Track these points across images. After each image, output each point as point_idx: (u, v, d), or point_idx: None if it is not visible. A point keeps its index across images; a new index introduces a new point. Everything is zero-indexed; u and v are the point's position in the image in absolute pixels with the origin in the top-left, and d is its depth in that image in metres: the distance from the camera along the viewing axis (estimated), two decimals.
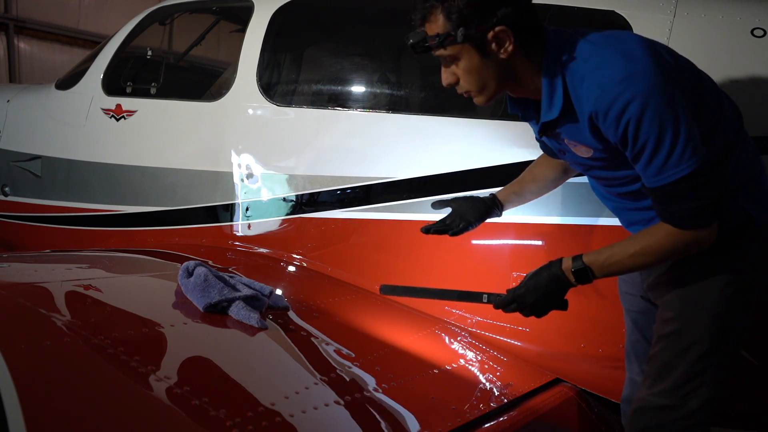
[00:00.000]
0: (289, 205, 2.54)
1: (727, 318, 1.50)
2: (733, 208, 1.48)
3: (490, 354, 2.03)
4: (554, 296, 1.53)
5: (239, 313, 1.68)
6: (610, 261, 1.48)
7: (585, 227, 2.04)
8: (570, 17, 2.17)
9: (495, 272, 2.15)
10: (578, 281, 1.50)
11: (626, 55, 1.34)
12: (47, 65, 9.39)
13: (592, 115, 1.38)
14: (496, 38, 1.40)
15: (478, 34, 1.39)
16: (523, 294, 1.53)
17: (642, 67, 1.32)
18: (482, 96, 1.51)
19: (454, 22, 1.39)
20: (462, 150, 2.23)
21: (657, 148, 1.33)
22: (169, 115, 2.87)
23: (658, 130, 1.31)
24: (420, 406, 1.55)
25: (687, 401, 1.52)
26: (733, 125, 1.50)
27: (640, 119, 1.31)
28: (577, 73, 1.39)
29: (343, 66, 2.68)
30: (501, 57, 1.43)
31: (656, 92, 1.31)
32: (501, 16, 1.37)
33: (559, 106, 1.44)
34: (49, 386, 1.21)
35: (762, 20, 1.95)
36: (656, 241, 1.44)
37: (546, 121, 1.49)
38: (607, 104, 1.34)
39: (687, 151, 1.32)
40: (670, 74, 1.34)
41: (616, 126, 1.35)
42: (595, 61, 1.37)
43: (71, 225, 3.16)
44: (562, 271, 1.50)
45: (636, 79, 1.31)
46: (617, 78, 1.32)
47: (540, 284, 1.52)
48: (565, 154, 1.61)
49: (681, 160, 1.33)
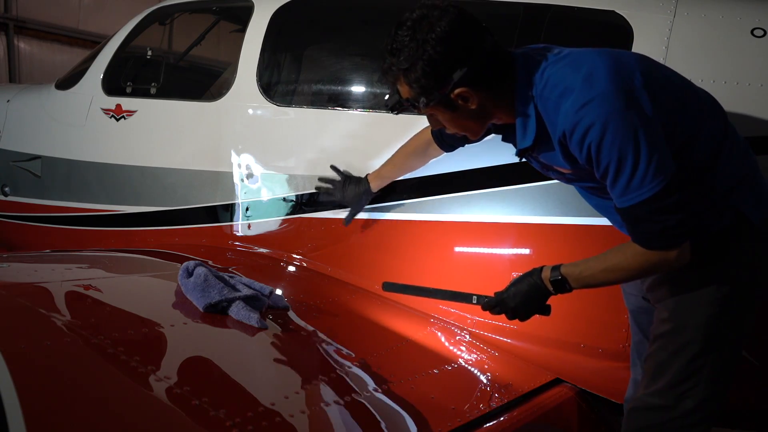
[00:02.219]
0: (289, 205, 2.54)
1: (722, 318, 1.50)
2: (724, 209, 1.48)
3: (490, 354, 2.03)
4: (534, 302, 1.59)
5: (239, 313, 1.68)
6: (584, 274, 1.53)
7: (585, 227, 2.04)
8: (570, 17, 2.17)
9: (494, 273, 2.15)
10: (556, 290, 1.56)
11: (588, 80, 1.36)
12: (47, 65, 9.40)
13: (561, 139, 1.42)
14: (460, 96, 1.45)
15: (441, 98, 1.44)
16: (506, 299, 1.61)
17: (601, 92, 1.34)
18: (471, 135, 1.59)
19: (416, 92, 1.44)
20: (462, 150, 2.23)
21: (619, 170, 1.35)
22: (169, 115, 2.87)
23: (618, 153, 1.34)
24: (420, 406, 1.55)
25: (681, 401, 1.52)
26: (717, 128, 1.50)
27: (600, 143, 1.34)
28: (548, 100, 1.43)
29: (343, 66, 2.68)
30: (471, 108, 1.47)
31: (614, 117, 1.33)
32: (458, 79, 1.41)
33: (533, 133, 1.48)
34: (49, 386, 1.21)
35: (762, 20, 1.95)
36: (625, 260, 1.48)
37: (522, 148, 1.53)
38: (570, 128, 1.37)
39: (649, 174, 1.34)
40: (632, 97, 1.35)
41: (580, 149, 1.38)
42: (561, 89, 1.40)
43: (71, 225, 3.16)
44: (541, 280, 1.57)
45: (594, 104, 1.34)
46: (579, 104, 1.35)
47: (520, 291, 1.59)
48: (548, 171, 1.64)
49: (643, 183, 1.34)
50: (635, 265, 1.46)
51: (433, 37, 1.37)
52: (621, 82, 1.36)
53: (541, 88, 1.43)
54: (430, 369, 1.77)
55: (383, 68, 1.48)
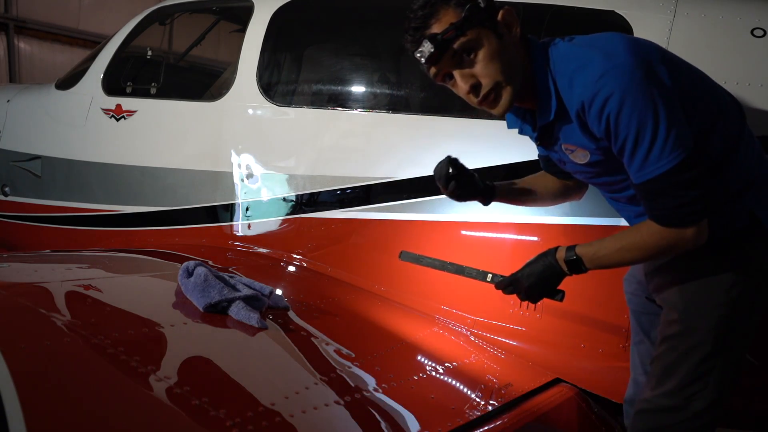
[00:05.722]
0: (289, 205, 2.54)
1: (732, 320, 1.50)
2: (738, 211, 1.47)
3: (490, 354, 2.03)
4: (548, 283, 1.58)
5: (239, 313, 1.68)
6: (599, 254, 1.51)
7: (587, 227, 2.04)
8: (570, 17, 2.17)
9: (495, 273, 2.15)
10: (571, 271, 1.55)
11: (607, 53, 1.36)
12: (47, 65, 9.40)
13: (579, 112, 1.41)
14: (505, 20, 1.45)
15: (486, 16, 1.43)
16: (520, 279, 1.60)
17: (621, 62, 1.33)
18: (506, 89, 1.46)
19: (460, 10, 1.41)
20: (462, 150, 2.22)
21: (637, 142, 1.34)
22: (169, 115, 2.87)
23: (637, 124, 1.33)
24: (420, 406, 1.55)
25: (691, 403, 1.51)
26: (735, 127, 1.50)
27: (618, 113, 1.33)
28: (565, 75, 1.42)
29: (343, 66, 2.68)
30: (515, 39, 1.47)
31: (634, 86, 1.32)
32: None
33: (554, 108, 1.47)
34: (49, 386, 1.21)
35: (762, 20, 1.95)
36: (641, 238, 1.45)
37: (543, 124, 1.51)
38: (589, 100, 1.36)
39: (668, 146, 1.33)
40: (651, 70, 1.35)
41: (599, 120, 1.37)
42: (579, 62, 1.39)
43: (71, 225, 3.16)
44: (556, 260, 1.55)
45: (614, 74, 1.33)
46: (597, 74, 1.34)
47: (535, 271, 1.58)
48: (565, 164, 1.63)
49: (661, 155, 1.33)
50: (651, 244, 1.44)
51: None
52: (640, 56, 1.35)
53: (558, 61, 1.43)
54: (431, 369, 1.77)
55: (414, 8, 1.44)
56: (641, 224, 1.47)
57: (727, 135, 1.47)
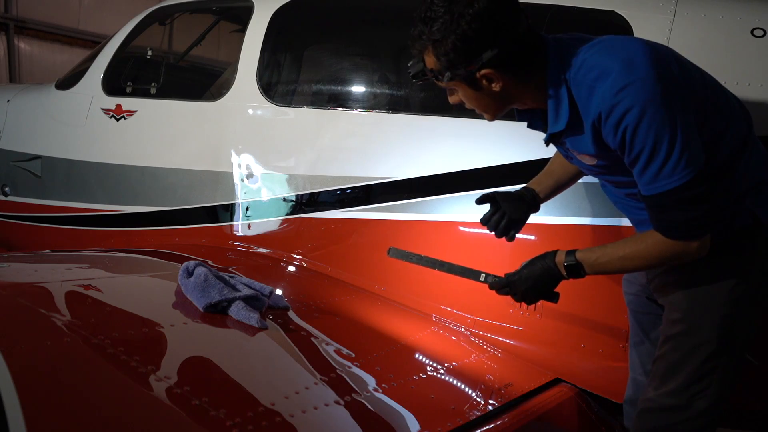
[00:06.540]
0: (289, 205, 2.54)
1: (735, 319, 1.50)
2: (740, 211, 1.48)
3: (490, 354, 2.03)
4: (545, 286, 1.59)
5: (239, 313, 1.68)
6: (600, 261, 1.52)
7: (587, 227, 2.04)
8: (570, 17, 2.17)
9: (495, 273, 2.15)
10: (569, 275, 1.55)
11: (627, 63, 1.35)
12: (47, 65, 9.41)
13: (595, 122, 1.40)
14: (485, 77, 1.43)
15: (466, 74, 1.43)
16: (516, 281, 1.61)
17: (642, 76, 1.32)
18: (488, 116, 1.56)
19: (442, 65, 1.43)
20: (462, 149, 2.23)
21: (651, 157, 1.34)
22: (169, 115, 2.87)
23: (654, 139, 1.33)
24: (420, 406, 1.55)
25: (694, 402, 1.52)
26: (741, 131, 1.50)
27: (636, 127, 1.33)
28: (582, 84, 1.41)
29: (343, 66, 2.68)
30: (494, 90, 1.46)
31: (654, 102, 1.32)
32: (486, 60, 1.39)
33: (566, 117, 1.46)
34: (49, 386, 1.21)
35: (762, 20, 1.95)
36: (645, 248, 1.46)
37: (553, 132, 1.51)
38: (607, 111, 1.36)
39: (681, 163, 1.33)
40: (671, 84, 1.34)
41: (615, 133, 1.36)
42: (597, 71, 1.38)
43: (71, 225, 3.16)
44: (555, 264, 1.56)
45: (635, 88, 1.32)
46: (618, 87, 1.33)
47: (533, 274, 1.59)
48: (572, 159, 1.63)
49: (674, 171, 1.34)
50: (656, 254, 1.45)
51: (470, 12, 1.35)
52: (660, 68, 1.35)
53: (576, 70, 1.42)
54: (431, 369, 1.77)
55: (412, 35, 1.45)
56: (645, 234, 1.47)
57: (735, 139, 1.48)
